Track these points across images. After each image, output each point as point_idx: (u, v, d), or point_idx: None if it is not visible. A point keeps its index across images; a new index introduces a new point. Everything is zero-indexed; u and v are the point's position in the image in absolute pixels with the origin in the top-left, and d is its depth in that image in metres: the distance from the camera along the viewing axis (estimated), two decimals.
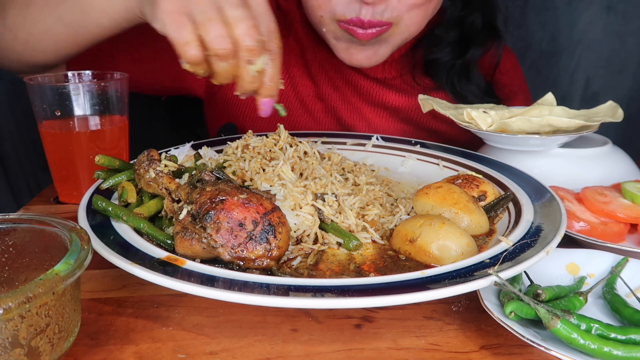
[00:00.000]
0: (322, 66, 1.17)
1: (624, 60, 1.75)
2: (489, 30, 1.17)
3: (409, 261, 0.63)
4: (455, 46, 1.16)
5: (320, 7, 0.99)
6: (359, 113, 1.20)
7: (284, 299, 0.49)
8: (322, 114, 1.20)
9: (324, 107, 1.19)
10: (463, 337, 0.55)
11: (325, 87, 1.18)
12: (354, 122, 1.20)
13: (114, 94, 0.89)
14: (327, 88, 1.18)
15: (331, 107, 1.19)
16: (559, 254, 0.66)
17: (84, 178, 0.88)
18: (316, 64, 1.17)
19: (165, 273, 0.53)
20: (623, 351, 0.48)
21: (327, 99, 1.19)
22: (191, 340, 0.54)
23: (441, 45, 1.16)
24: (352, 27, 0.96)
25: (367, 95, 1.19)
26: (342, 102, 1.19)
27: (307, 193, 0.69)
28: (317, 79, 1.18)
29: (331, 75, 1.18)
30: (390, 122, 1.20)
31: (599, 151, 0.93)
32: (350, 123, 1.20)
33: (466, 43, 1.16)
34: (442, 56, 1.16)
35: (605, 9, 1.69)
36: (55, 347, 0.46)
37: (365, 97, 1.19)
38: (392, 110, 1.20)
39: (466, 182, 0.77)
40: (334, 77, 1.18)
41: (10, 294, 0.41)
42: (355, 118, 1.20)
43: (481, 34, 1.16)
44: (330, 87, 1.18)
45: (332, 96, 1.18)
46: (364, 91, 1.18)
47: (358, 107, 1.19)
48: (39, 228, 0.54)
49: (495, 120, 0.93)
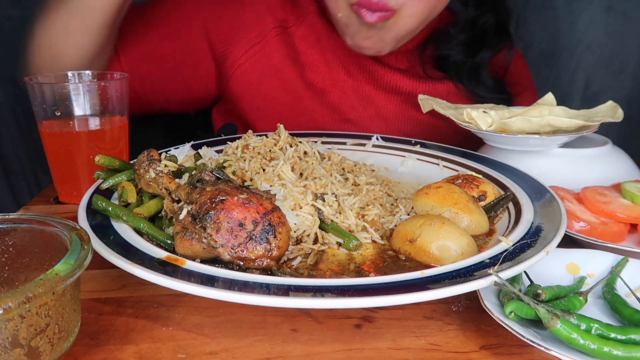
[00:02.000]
0: (337, 52, 1.21)
1: (624, 60, 1.75)
2: (500, 33, 1.21)
3: (409, 261, 0.63)
4: (467, 47, 1.20)
5: None
6: (371, 99, 1.22)
7: (284, 299, 0.49)
8: (335, 100, 1.22)
9: (337, 94, 1.22)
10: (463, 337, 0.55)
11: (339, 73, 1.21)
12: (365, 108, 1.22)
13: (114, 94, 0.89)
14: (341, 74, 1.21)
15: (344, 93, 1.22)
16: (559, 254, 0.66)
17: (84, 178, 0.88)
18: (331, 51, 1.21)
19: (165, 273, 0.53)
20: (623, 351, 0.48)
21: (340, 85, 1.22)
22: (191, 340, 0.54)
23: (452, 44, 1.20)
24: (362, 10, 1.02)
25: (381, 81, 1.21)
26: (355, 88, 1.22)
27: (307, 193, 0.69)
28: (331, 65, 1.21)
29: (345, 61, 1.21)
30: (402, 108, 1.23)
31: (599, 151, 0.93)
32: (360, 110, 1.22)
33: (477, 45, 1.20)
34: (452, 54, 1.20)
35: (605, 9, 1.69)
36: (55, 347, 0.46)
37: (379, 83, 1.22)
38: (404, 95, 1.21)
39: (466, 182, 0.77)
40: (348, 63, 1.21)
41: (10, 294, 0.41)
42: (367, 105, 1.22)
43: (493, 36, 1.20)
44: (345, 73, 1.21)
45: (346, 82, 1.22)
46: (378, 76, 1.21)
47: (370, 93, 1.22)
48: (39, 228, 0.54)
49: (495, 120, 0.93)
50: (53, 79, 0.91)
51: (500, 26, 1.20)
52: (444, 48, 1.20)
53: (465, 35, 1.20)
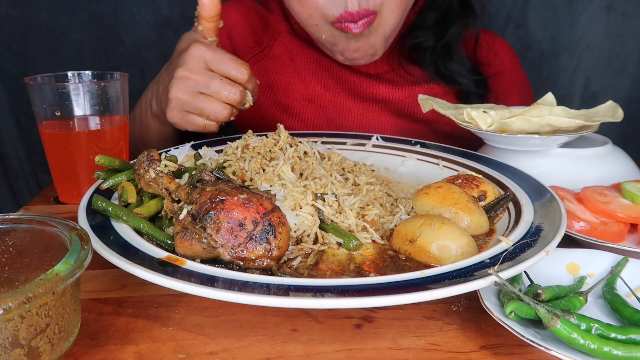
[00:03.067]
0: (311, 68, 1.22)
1: (624, 60, 1.75)
2: (464, 8, 1.22)
3: (409, 261, 0.63)
4: (435, 29, 1.21)
5: (312, 16, 1.06)
6: (349, 110, 1.22)
7: (284, 299, 0.49)
8: (312, 116, 1.22)
9: (313, 108, 1.22)
10: (463, 337, 0.55)
11: (315, 87, 1.22)
12: (344, 120, 1.22)
13: (114, 94, 0.89)
14: (317, 88, 1.22)
15: (321, 107, 1.22)
16: (559, 254, 0.66)
17: (84, 178, 0.88)
18: (305, 66, 1.22)
19: (165, 273, 0.53)
20: (623, 351, 0.48)
21: (316, 100, 1.22)
22: (191, 340, 0.54)
23: (422, 30, 1.21)
24: (345, 23, 1.02)
25: (357, 91, 1.22)
26: (332, 101, 1.22)
27: (307, 193, 0.69)
28: (307, 80, 1.22)
29: (320, 75, 1.22)
30: (382, 116, 1.23)
31: (599, 151, 0.93)
32: (340, 121, 1.22)
33: (445, 24, 1.21)
34: (424, 40, 1.21)
35: (605, 9, 1.69)
36: (55, 347, 0.46)
37: (356, 93, 1.22)
38: (382, 103, 1.22)
39: (466, 182, 0.77)
40: (323, 77, 1.22)
41: (10, 294, 0.41)
42: (346, 116, 1.22)
43: (456, 12, 1.22)
44: (320, 87, 1.22)
45: (322, 96, 1.22)
46: (354, 87, 1.22)
47: (348, 104, 1.22)
48: (39, 228, 0.54)
49: (495, 120, 0.93)
50: (53, 79, 0.91)
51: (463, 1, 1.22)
52: (416, 37, 1.21)
53: (432, 16, 1.21)
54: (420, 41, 1.21)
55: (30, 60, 1.63)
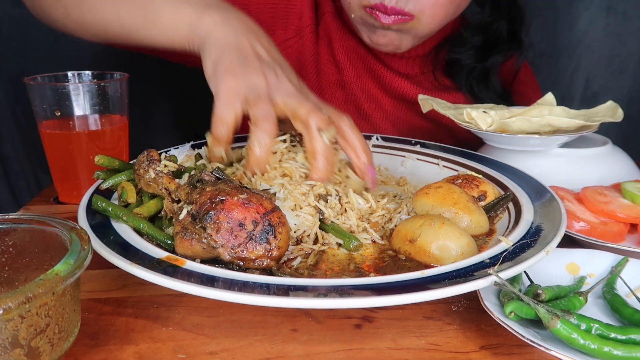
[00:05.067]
0: (347, 54, 1.21)
1: (624, 60, 1.75)
2: (512, 40, 1.21)
3: (409, 261, 0.63)
4: (478, 51, 1.20)
5: None
6: (379, 103, 1.22)
7: (284, 299, 0.49)
8: (342, 102, 1.22)
9: (344, 95, 1.22)
10: (463, 337, 0.55)
11: (349, 75, 1.21)
12: (372, 111, 1.22)
13: (114, 94, 0.89)
14: (350, 76, 1.21)
15: (352, 95, 1.22)
16: (559, 254, 0.66)
17: (84, 178, 0.88)
18: (342, 52, 1.21)
19: (165, 273, 0.53)
20: (623, 351, 0.48)
21: (348, 87, 1.22)
22: (191, 340, 0.54)
23: (465, 47, 1.20)
24: (376, 11, 1.01)
25: (388, 87, 1.21)
26: (363, 91, 1.22)
27: (309, 194, 0.69)
28: (341, 66, 1.21)
29: (355, 64, 1.21)
30: (409, 115, 1.23)
31: (599, 151, 0.92)
32: (369, 112, 1.22)
33: (489, 49, 1.20)
34: (464, 58, 1.20)
35: (605, 9, 1.68)
36: (55, 347, 0.46)
37: (387, 89, 1.22)
38: (411, 103, 1.21)
39: (466, 182, 0.77)
40: (358, 66, 1.21)
41: (10, 294, 0.41)
42: (374, 108, 1.22)
43: (505, 42, 1.20)
44: (354, 75, 1.21)
45: (354, 84, 1.21)
46: (386, 82, 1.21)
47: (378, 97, 1.22)
48: (39, 228, 0.54)
49: (495, 120, 0.93)
50: (53, 79, 0.91)
51: (513, 32, 1.20)
52: (457, 52, 1.20)
53: (479, 38, 1.20)
54: (459, 58, 1.20)
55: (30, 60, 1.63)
